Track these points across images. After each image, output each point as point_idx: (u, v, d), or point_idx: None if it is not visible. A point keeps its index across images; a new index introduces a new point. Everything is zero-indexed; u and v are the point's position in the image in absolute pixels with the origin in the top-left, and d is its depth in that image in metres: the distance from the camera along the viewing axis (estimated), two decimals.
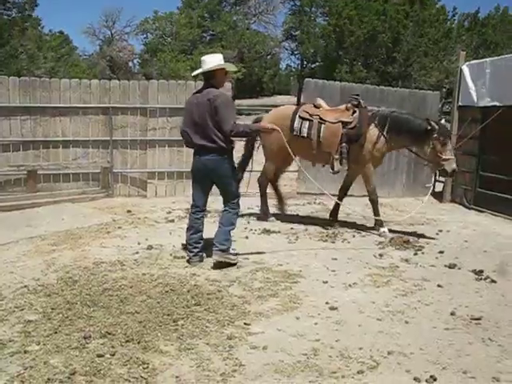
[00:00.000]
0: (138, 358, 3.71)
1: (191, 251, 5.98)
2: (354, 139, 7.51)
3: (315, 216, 8.48)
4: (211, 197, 6.19)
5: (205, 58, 5.94)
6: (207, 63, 5.83)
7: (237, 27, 39.39)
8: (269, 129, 6.11)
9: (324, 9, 36.83)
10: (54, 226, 7.47)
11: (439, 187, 10.76)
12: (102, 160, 9.79)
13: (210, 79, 5.86)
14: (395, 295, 5.21)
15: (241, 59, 35.05)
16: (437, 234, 7.66)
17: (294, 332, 4.27)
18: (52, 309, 4.52)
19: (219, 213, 6.99)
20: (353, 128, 7.53)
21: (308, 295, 5.08)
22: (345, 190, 8.16)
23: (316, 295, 5.09)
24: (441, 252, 6.74)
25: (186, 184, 10.03)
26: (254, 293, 5.07)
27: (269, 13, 42.28)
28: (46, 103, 9.51)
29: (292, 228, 7.72)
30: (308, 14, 39.15)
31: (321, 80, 10.92)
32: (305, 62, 40.83)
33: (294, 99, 40.21)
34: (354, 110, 7.68)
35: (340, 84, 11.03)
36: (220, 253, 5.82)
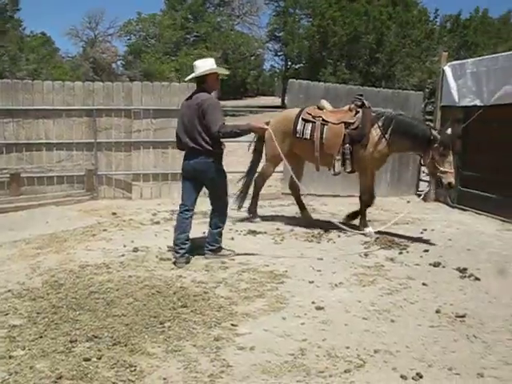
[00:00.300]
0: (125, 361, 3.70)
1: (177, 252, 6.00)
2: (357, 140, 7.41)
3: (300, 216, 8.50)
4: (198, 198, 6.21)
5: (197, 63, 6.05)
6: (199, 68, 5.95)
7: (221, 28, 39.40)
8: (259, 128, 6.08)
9: (308, 10, 36.93)
10: (39, 230, 7.41)
11: (423, 186, 10.84)
12: (87, 162, 9.74)
13: (202, 83, 6.00)
14: (381, 294, 5.25)
15: (225, 60, 35.01)
16: (421, 233, 7.71)
17: (281, 332, 4.29)
18: (37, 313, 4.49)
19: (205, 215, 7.02)
20: (355, 129, 7.45)
21: (294, 295, 5.10)
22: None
23: (302, 295, 5.11)
24: (425, 251, 6.80)
25: (171, 186, 10.04)
26: (241, 294, 5.08)
27: (253, 14, 42.40)
28: (29, 105, 9.44)
29: (278, 229, 7.74)
30: (292, 15, 39.25)
31: (305, 81, 10.95)
32: (289, 63, 40.94)
33: (278, 100, 40.33)
34: (357, 111, 7.60)
35: (324, 85, 11.08)
36: (210, 253, 6.18)
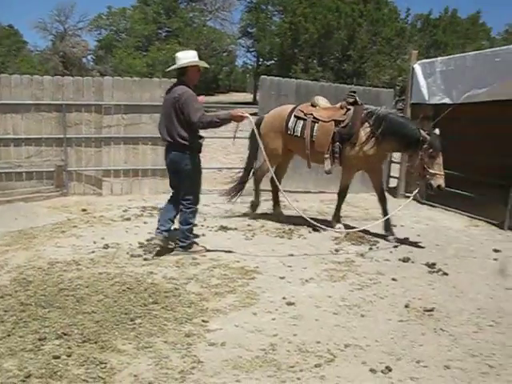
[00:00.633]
0: (96, 358, 3.69)
1: (158, 228, 6.19)
2: (346, 138, 7.30)
3: (272, 213, 8.53)
4: (168, 194, 6.21)
5: (178, 55, 6.05)
6: (180, 59, 5.94)
7: (193, 24, 39.21)
8: (239, 117, 5.91)
9: (279, 6, 36.98)
10: (7, 226, 7.29)
11: (393, 183, 10.97)
12: (56, 158, 9.60)
13: (182, 76, 6.00)
14: (351, 289, 5.31)
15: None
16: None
17: (252, 328, 4.32)
18: (5, 311, 4.44)
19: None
20: (345, 127, 7.32)
21: (265, 291, 5.14)
22: (381, 197, 7.55)
23: (273, 291, 5.15)
24: (395, 246, 6.89)
25: (142, 182, 9.98)
26: (212, 290, 5.09)
27: (225, 10, 42.30)
28: None
29: (249, 225, 7.76)
30: (264, 12, 39.27)
31: (276, 77, 10.95)
32: (261, 60, 40.96)
33: (250, 96, 40.34)
34: (348, 108, 7.46)
35: (296, 81, 11.10)
36: (181, 250, 6.20)
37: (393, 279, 5.67)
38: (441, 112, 9.20)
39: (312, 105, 7.82)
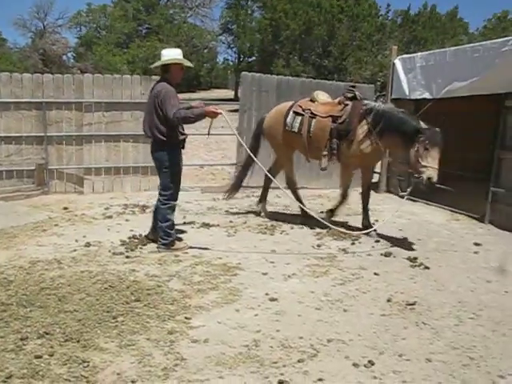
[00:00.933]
0: (78, 357, 3.67)
1: (152, 225, 6.45)
2: (344, 135, 7.11)
3: (254, 209, 8.54)
4: (151, 192, 6.19)
5: (163, 52, 6.14)
6: (163, 57, 6.02)
7: (173, 21, 39.02)
8: (212, 112, 5.91)
9: (260, 3, 36.92)
10: None
11: (375, 178, 11.03)
12: (37, 156, 9.51)
13: (165, 73, 6.07)
14: (333, 284, 5.34)
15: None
16: (373, 224, 7.83)
17: (235, 324, 4.33)
18: None
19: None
20: (342, 123, 7.13)
21: (248, 287, 5.14)
22: (365, 193, 7.66)
23: (256, 287, 5.16)
24: (377, 241, 6.94)
25: (124, 179, 9.92)
26: (194, 287, 5.09)
27: (205, 6, 42.14)
28: None
29: (231, 221, 7.76)
30: (244, 8, 39.21)
31: (257, 74, 10.96)
32: (242, 56, 40.90)
33: (232, 93, 40.26)
34: (346, 104, 7.26)
35: (277, 77, 11.11)
36: (163, 247, 6.21)
37: (375, 274, 5.71)
38: (421, 107, 9.26)
39: (311, 100, 7.69)
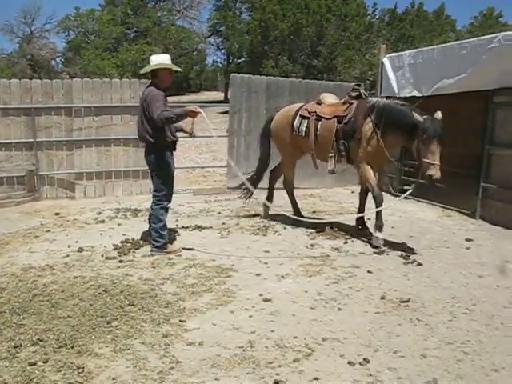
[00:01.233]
0: (73, 363, 3.66)
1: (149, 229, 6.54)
2: (350, 135, 6.89)
3: (246, 210, 8.55)
4: (143, 195, 6.18)
5: (151, 58, 6.32)
6: (151, 62, 6.20)
7: (161, 23, 38.94)
8: (192, 112, 6.04)
9: (248, 4, 36.92)
10: None
11: None
12: (27, 163, 9.47)
13: (154, 78, 6.23)
14: (327, 283, 5.35)
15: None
16: (365, 222, 7.85)
17: (230, 326, 4.33)
18: None
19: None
20: (347, 123, 6.93)
21: (241, 288, 5.15)
22: (363, 194, 7.43)
23: (249, 288, 5.17)
24: (370, 239, 6.95)
25: (115, 184, 9.90)
26: (188, 289, 5.09)
27: (193, 8, 42.04)
28: None
29: (223, 223, 7.76)
30: (232, 10, 39.17)
31: (247, 75, 10.97)
32: (231, 58, 40.86)
33: (222, 95, 40.22)
34: (351, 103, 7.09)
35: (266, 78, 11.13)
36: (156, 250, 6.22)
37: (368, 272, 5.73)
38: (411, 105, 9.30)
39: (318, 103, 7.56)
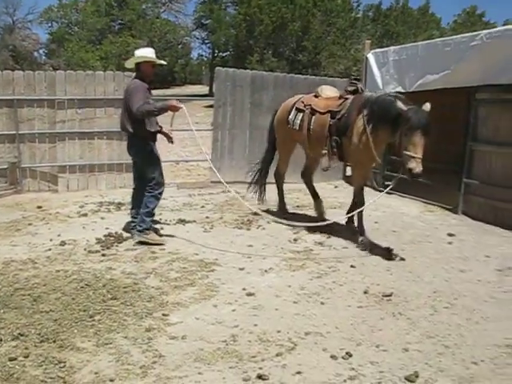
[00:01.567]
0: (54, 358, 3.64)
1: (131, 223, 6.65)
2: (342, 131, 6.56)
3: (230, 204, 8.54)
4: (126, 189, 6.17)
5: (135, 52, 6.47)
6: (135, 56, 6.36)
7: (146, 16, 38.65)
8: (173, 106, 6.15)
9: None
10: None
11: (350, 171, 11.09)
12: (9, 155, 9.37)
13: (137, 71, 6.38)
14: (310, 278, 5.38)
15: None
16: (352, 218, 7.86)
17: (213, 320, 4.33)
18: None
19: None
20: (340, 118, 6.61)
21: (225, 283, 5.15)
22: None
23: (233, 282, 5.17)
24: (353, 234, 6.97)
25: (99, 177, 9.83)
26: (171, 283, 5.08)
27: (178, 1, 41.79)
28: None
29: (207, 217, 7.75)
30: (218, 3, 39.00)
31: (232, 69, 10.93)
32: (216, 51, 40.71)
33: (206, 89, 40.06)
34: (346, 98, 6.78)
35: (251, 72, 11.10)
36: (137, 233, 6.34)
37: (351, 266, 5.76)
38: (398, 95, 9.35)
39: (316, 96, 7.30)
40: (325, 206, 7.84)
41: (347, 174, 10.96)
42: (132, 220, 6.68)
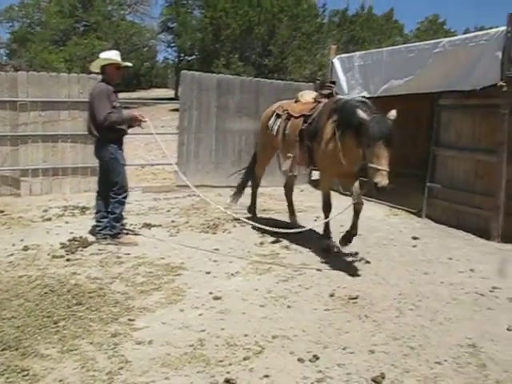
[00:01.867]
0: (17, 366, 3.55)
1: (96, 227, 6.61)
2: (312, 136, 6.38)
3: (196, 208, 8.51)
4: (91, 193, 6.11)
5: (100, 55, 6.48)
6: (100, 57, 6.37)
7: (112, 18, 38.27)
8: (138, 118, 6.36)
9: (200, 1, 36.73)
10: None
11: (316, 175, 11.16)
12: None
13: (103, 74, 6.41)
14: (277, 281, 5.39)
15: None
16: (315, 221, 7.92)
17: (180, 324, 4.31)
18: None
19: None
20: (311, 123, 6.46)
21: (191, 287, 5.13)
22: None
23: (199, 286, 5.16)
24: (319, 238, 7.01)
25: (63, 181, 9.68)
26: (137, 288, 5.04)
27: (144, 4, 41.49)
28: None
29: (173, 221, 7.71)
30: (185, 6, 38.87)
31: (197, 72, 10.92)
32: (182, 55, 40.56)
33: (172, 92, 39.86)
34: (319, 101, 6.64)
35: (217, 76, 11.11)
36: (108, 238, 6.44)
37: (317, 270, 5.81)
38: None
39: (296, 101, 7.20)
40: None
41: (313, 178, 11.02)
42: (97, 224, 6.61)
